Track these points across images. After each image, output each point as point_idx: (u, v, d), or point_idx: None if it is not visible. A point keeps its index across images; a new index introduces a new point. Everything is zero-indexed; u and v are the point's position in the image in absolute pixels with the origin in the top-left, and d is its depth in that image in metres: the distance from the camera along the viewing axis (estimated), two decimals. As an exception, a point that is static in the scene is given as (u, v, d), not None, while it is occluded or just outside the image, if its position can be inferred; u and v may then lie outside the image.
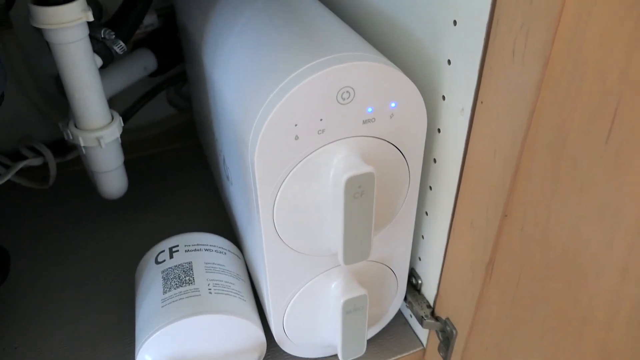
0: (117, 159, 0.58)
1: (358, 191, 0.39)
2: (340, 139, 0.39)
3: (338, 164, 0.39)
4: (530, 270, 0.37)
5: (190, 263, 0.50)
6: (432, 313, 0.52)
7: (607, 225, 0.30)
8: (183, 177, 0.78)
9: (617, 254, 0.29)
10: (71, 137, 0.55)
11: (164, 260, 0.52)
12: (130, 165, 0.66)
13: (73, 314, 0.59)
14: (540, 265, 0.36)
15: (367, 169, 0.38)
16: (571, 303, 0.34)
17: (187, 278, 0.49)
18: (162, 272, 0.50)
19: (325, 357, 0.55)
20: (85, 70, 0.51)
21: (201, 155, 0.81)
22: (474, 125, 0.39)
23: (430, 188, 0.47)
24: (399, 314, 0.60)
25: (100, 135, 0.54)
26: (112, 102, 0.75)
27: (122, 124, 0.57)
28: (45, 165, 0.70)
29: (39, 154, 0.69)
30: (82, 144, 0.54)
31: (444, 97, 0.42)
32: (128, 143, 0.81)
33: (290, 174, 0.39)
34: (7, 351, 0.55)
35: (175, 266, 0.50)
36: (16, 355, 0.55)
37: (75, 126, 0.55)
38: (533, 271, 0.37)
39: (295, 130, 0.37)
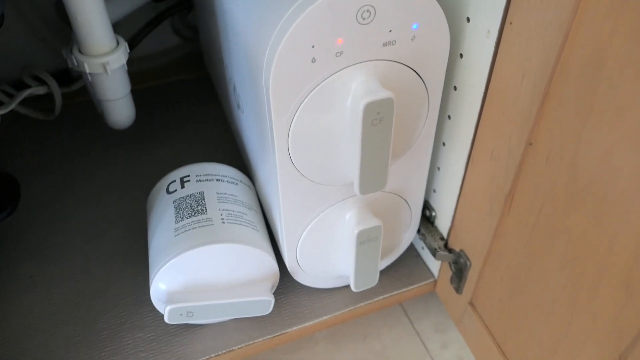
0: (124, 87, 0.56)
1: (377, 117, 0.37)
2: (359, 63, 0.37)
3: (356, 89, 0.38)
4: (552, 201, 0.36)
5: (202, 193, 0.50)
6: (446, 245, 0.52)
7: (641, 152, 0.28)
8: (191, 108, 0.77)
9: (650, 182, 0.28)
10: (76, 64, 0.53)
11: (176, 190, 0.51)
12: (136, 96, 0.64)
13: (85, 243, 0.60)
14: (564, 196, 0.35)
15: (386, 94, 0.37)
16: (596, 234, 0.33)
17: (199, 208, 0.48)
18: (174, 201, 0.50)
19: (338, 288, 0.56)
20: (88, -9, 0.48)
21: (209, 86, 0.79)
22: (500, 49, 0.37)
23: (449, 117, 0.45)
24: (411, 246, 0.60)
25: (106, 61, 0.52)
26: (116, 30, 0.73)
27: (129, 50, 0.55)
28: (50, 96, 0.68)
29: (43, 83, 0.67)
30: (87, 71, 0.52)
31: (468, 19, 0.39)
32: (133, 74, 0.79)
33: (307, 99, 0.38)
34: (21, 280, 0.56)
35: (187, 196, 0.50)
36: (30, 284, 0.56)
37: (80, 52, 0.52)
38: (556, 202, 0.36)
39: (312, 52, 0.35)
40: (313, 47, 0.35)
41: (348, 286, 0.55)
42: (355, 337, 0.62)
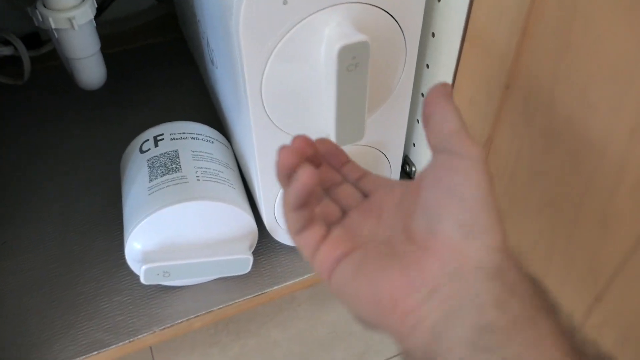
0: (93, 44, 0.54)
1: (352, 63, 0.36)
2: (333, 5, 0.36)
3: (330, 33, 0.36)
4: (530, 143, 0.35)
5: (176, 151, 0.49)
6: (426, 200, 0.51)
7: (619, 86, 0.28)
8: (166, 72, 0.74)
9: (627, 115, 0.28)
10: (41, 19, 0.51)
11: (149, 149, 0.49)
12: (110, 60, 0.62)
13: (60, 209, 0.58)
14: (542, 137, 0.34)
15: (361, 37, 0.35)
16: (572, 174, 0.32)
17: (173, 166, 0.47)
18: (148, 160, 0.49)
19: (318, 246, 0.55)
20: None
21: (185, 50, 0.76)
22: (478, -12, 0.36)
23: (428, 66, 0.45)
24: (392, 205, 0.59)
25: (72, 15, 0.50)
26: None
27: (96, 5, 0.53)
28: (18, 59, 0.66)
29: (10, 45, 0.64)
30: (53, 26, 0.50)
31: (445, -39, 0.38)
32: (106, 37, 0.76)
33: (279, 44, 0.36)
34: (-5, 246, 0.55)
35: (161, 154, 0.48)
36: (5, 250, 0.55)
37: (45, 6, 0.50)
38: (534, 144, 0.35)
39: (283, -8, 0.34)
40: (284, -13, 0.34)
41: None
42: (336, 299, 0.62)
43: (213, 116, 0.62)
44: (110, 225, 0.56)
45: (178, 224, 0.45)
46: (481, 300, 0.21)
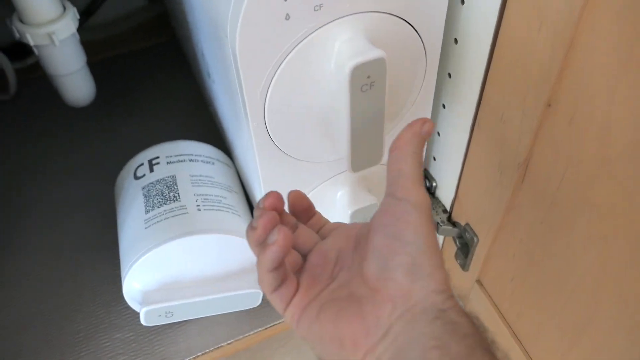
0: (78, 59, 0.49)
1: (366, 82, 0.32)
2: (342, 17, 0.31)
3: (341, 49, 0.31)
4: (577, 170, 0.31)
5: (173, 177, 0.44)
6: (449, 218, 0.47)
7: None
8: (162, 78, 0.70)
9: None
10: (18, 35, 0.46)
11: (144, 175, 0.45)
12: (101, 67, 0.58)
13: (51, 234, 0.54)
14: (592, 164, 0.29)
15: (377, 53, 0.31)
16: (632, 210, 0.28)
17: (171, 194, 0.43)
18: (143, 188, 0.44)
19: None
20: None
21: (180, 52, 0.71)
22: (511, -9, 0.31)
23: (450, 75, 0.40)
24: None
25: (51, 30, 0.45)
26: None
27: (78, 16, 0.48)
28: (2, 72, 0.62)
29: (-9, 58, 0.60)
30: (31, 42, 0.45)
31: (470, -43, 0.33)
32: (96, 42, 0.71)
33: (282, 65, 0.31)
34: (-15, 276, 0.51)
35: (157, 181, 0.44)
36: (-5, 280, 0.51)
37: (21, 20, 0.45)
38: (581, 170, 0.30)
39: (284, 6, 0.29)
40: (286, 0, 0.29)
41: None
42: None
43: (213, 127, 0.58)
44: (107, 252, 0.52)
45: (179, 260, 0.41)
46: (424, 342, 0.23)
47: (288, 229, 0.25)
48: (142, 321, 0.42)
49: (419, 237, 0.25)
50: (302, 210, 0.32)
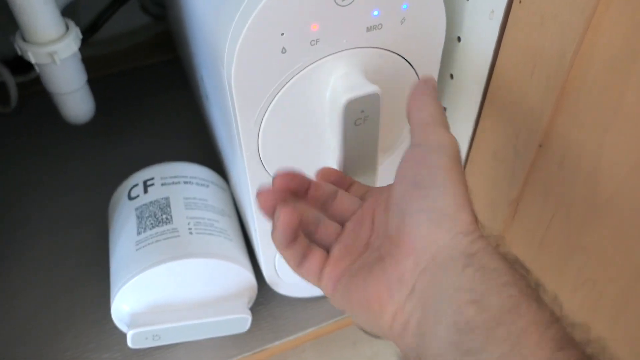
0: (78, 78, 0.50)
1: (360, 117, 0.32)
2: (339, 52, 0.31)
3: (336, 84, 0.32)
4: (566, 212, 0.31)
5: (167, 199, 0.44)
6: (441, 249, 0.47)
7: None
8: (161, 96, 0.70)
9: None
10: (20, 53, 0.46)
11: (138, 196, 0.45)
12: (101, 84, 0.58)
13: (48, 249, 0.54)
14: (581, 207, 0.29)
15: (371, 88, 0.31)
16: (621, 255, 0.28)
17: (164, 216, 0.43)
18: (136, 209, 0.44)
19: (324, 296, 0.51)
20: (26, -32, 0.41)
21: (181, 71, 0.72)
22: (506, 32, 0.31)
23: (445, 109, 0.40)
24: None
25: (53, 49, 0.45)
26: (74, 11, 0.65)
27: (81, 36, 0.48)
28: (4, 85, 0.62)
29: (-6, 71, 0.60)
30: (33, 61, 0.46)
31: (467, -4, 0.33)
32: (97, 58, 0.72)
33: (277, 96, 0.32)
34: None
35: (151, 202, 0.44)
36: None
37: (24, 39, 0.46)
38: (571, 213, 0.30)
39: (281, 40, 0.29)
40: (283, 34, 0.29)
41: (334, 295, 0.49)
42: (344, 343, 0.58)
43: (210, 147, 0.58)
44: (100, 271, 0.51)
45: (168, 283, 0.41)
46: (457, 296, 0.20)
47: (290, 207, 0.25)
48: (129, 343, 0.41)
49: (439, 178, 0.22)
50: (335, 181, 0.31)
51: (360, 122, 0.32)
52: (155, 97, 0.70)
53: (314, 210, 0.29)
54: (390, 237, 0.24)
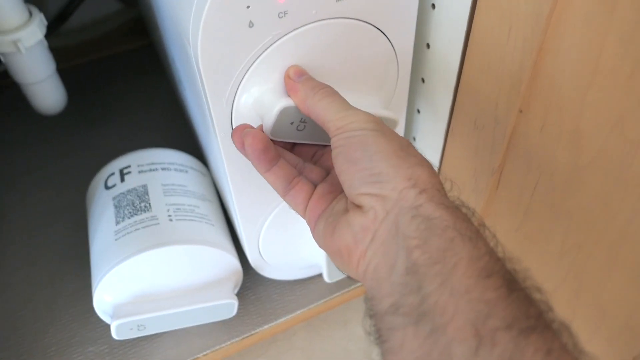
0: (46, 67, 0.48)
1: (300, 124, 0.31)
2: (309, 24, 0.30)
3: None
4: (550, 178, 0.30)
5: (145, 186, 0.43)
6: (427, 224, 0.46)
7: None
8: (137, 83, 0.68)
9: (676, 157, 0.22)
10: (-17, 43, 0.45)
11: (115, 185, 0.44)
12: (74, 72, 0.56)
13: (23, 246, 0.53)
14: (564, 172, 0.29)
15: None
16: (604, 218, 0.27)
17: (142, 204, 0.42)
18: (114, 198, 0.43)
19: (311, 277, 0.50)
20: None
21: (156, 57, 0.70)
22: (480, -4, 0.30)
23: (423, 80, 0.39)
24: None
25: (17, 37, 0.43)
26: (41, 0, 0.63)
27: (46, 22, 0.46)
28: (-27, 79, 0.60)
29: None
30: (-4, 50, 0.44)
31: (440, -39, 0.32)
32: (68, 47, 0.70)
33: (248, 73, 0.31)
34: (-46, 293, 0.50)
35: (128, 191, 0.43)
36: (-35, 296, 0.49)
37: (-15, 28, 0.44)
38: (554, 179, 0.30)
39: (247, 13, 0.28)
40: (248, 7, 0.28)
41: (320, 275, 0.49)
42: (335, 323, 0.57)
43: (189, 132, 0.57)
44: (81, 263, 0.51)
45: (150, 272, 0.40)
46: (407, 242, 0.23)
47: (255, 129, 0.29)
48: (114, 335, 0.41)
49: (366, 149, 0.25)
50: None
51: (302, 128, 0.31)
52: (131, 84, 0.68)
53: (298, 158, 0.32)
54: (351, 200, 0.26)
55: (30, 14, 0.45)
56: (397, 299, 0.22)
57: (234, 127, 0.33)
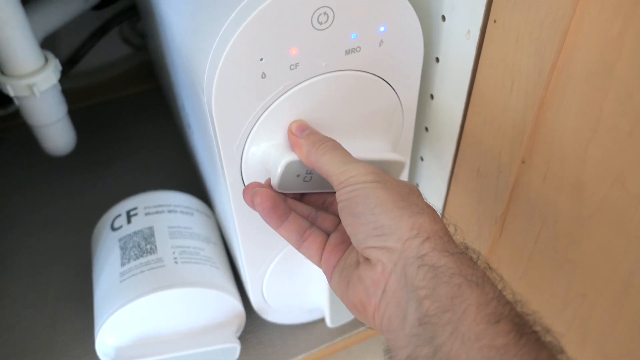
0: (58, 110, 0.49)
1: (307, 176, 0.32)
2: (318, 75, 0.31)
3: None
4: (553, 227, 0.31)
5: (151, 228, 0.43)
6: (430, 269, 0.46)
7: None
8: (144, 126, 0.70)
9: (676, 210, 0.23)
10: (-1, 86, 0.46)
11: (121, 226, 0.44)
12: (83, 114, 0.58)
13: (26, 286, 0.53)
14: (567, 222, 0.29)
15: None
16: (608, 269, 0.28)
17: (148, 246, 0.42)
18: (120, 240, 0.43)
19: (314, 322, 0.50)
20: (2, 2, 0.41)
21: (164, 100, 0.72)
22: (483, 51, 0.31)
23: (427, 129, 0.40)
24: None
25: (32, 82, 0.45)
26: (55, 43, 0.65)
27: (60, 67, 0.48)
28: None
29: (-27, 106, 0.60)
30: (11, 94, 0.45)
31: (444, 18, 0.34)
32: (78, 89, 0.72)
33: (259, 121, 0.32)
34: (-47, 333, 0.49)
35: (134, 232, 0.43)
36: (-35, 337, 0.49)
37: (2, 72, 0.45)
38: (557, 228, 0.30)
39: (260, 65, 0.29)
40: (262, 59, 0.29)
41: (322, 319, 0.49)
42: (336, 368, 0.57)
43: (194, 175, 0.58)
44: (82, 304, 0.50)
45: (155, 315, 0.40)
46: (417, 293, 0.23)
47: (263, 188, 0.30)
48: (114, 380, 0.40)
49: (367, 203, 0.26)
50: None
51: (309, 179, 0.32)
52: (138, 127, 0.69)
53: (310, 207, 0.32)
54: (360, 253, 0.27)
55: (46, 59, 0.47)
56: (412, 351, 0.22)
57: (244, 182, 0.34)
